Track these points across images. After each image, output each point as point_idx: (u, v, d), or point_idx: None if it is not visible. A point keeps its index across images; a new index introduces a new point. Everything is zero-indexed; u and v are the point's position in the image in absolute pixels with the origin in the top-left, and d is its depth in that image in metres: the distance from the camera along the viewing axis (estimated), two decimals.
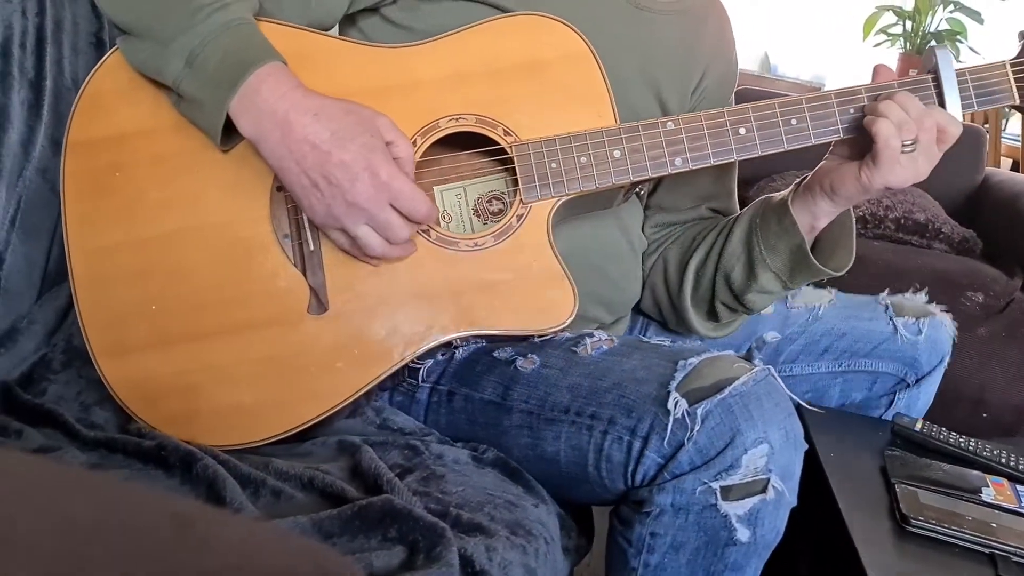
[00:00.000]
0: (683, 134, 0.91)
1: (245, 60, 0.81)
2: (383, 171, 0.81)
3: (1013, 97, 0.93)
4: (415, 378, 0.99)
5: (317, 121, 0.81)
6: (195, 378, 0.86)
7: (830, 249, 1.01)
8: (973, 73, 0.93)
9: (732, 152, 0.92)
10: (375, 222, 0.83)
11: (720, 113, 0.92)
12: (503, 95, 0.91)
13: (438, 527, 0.71)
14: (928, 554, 0.87)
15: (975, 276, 1.78)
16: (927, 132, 0.88)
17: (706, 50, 1.08)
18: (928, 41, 3.47)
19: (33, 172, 0.97)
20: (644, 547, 0.84)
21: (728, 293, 1.06)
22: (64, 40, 1.03)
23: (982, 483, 0.99)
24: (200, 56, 0.81)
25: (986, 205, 2.24)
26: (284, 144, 0.81)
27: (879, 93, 0.92)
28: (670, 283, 1.12)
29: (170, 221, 0.87)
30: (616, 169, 0.91)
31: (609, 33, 0.97)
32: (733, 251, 1.04)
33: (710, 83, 1.10)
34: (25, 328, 0.94)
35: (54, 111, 1.00)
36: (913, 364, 1.11)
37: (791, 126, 0.92)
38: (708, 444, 0.79)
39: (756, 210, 1.04)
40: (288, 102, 0.81)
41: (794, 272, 1.01)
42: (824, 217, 0.98)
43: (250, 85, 0.81)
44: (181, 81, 0.82)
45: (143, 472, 0.79)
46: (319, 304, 0.88)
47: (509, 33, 0.91)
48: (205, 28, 0.81)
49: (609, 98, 0.91)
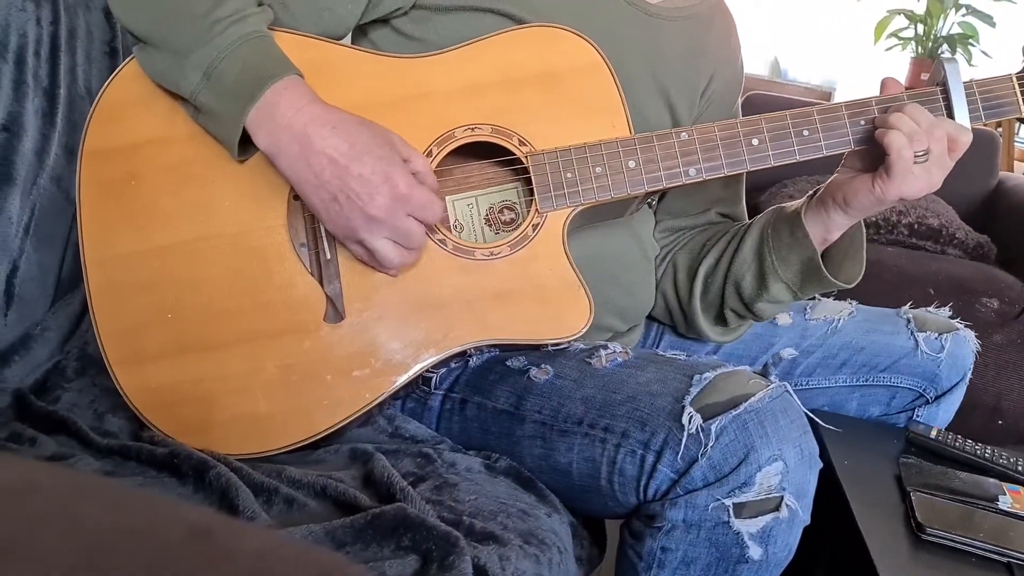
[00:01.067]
0: (697, 145, 0.91)
1: (263, 74, 0.81)
2: (402, 183, 0.81)
3: (1019, 110, 0.94)
4: (428, 385, 0.99)
5: (335, 135, 0.81)
6: (211, 387, 0.87)
7: (839, 260, 1.01)
8: (981, 86, 0.94)
9: (745, 163, 0.92)
10: (395, 233, 0.83)
11: (733, 124, 0.92)
12: (518, 105, 0.91)
13: (451, 536, 0.71)
14: (944, 563, 0.86)
15: (990, 282, 1.77)
16: (938, 142, 0.89)
17: (713, 54, 1.09)
18: (940, 45, 3.45)
19: (47, 180, 0.97)
20: (655, 562, 0.84)
21: (738, 301, 1.06)
22: (78, 48, 1.04)
23: (999, 491, 0.98)
24: (218, 69, 0.81)
25: (1000, 210, 2.23)
26: (303, 158, 0.81)
27: (889, 105, 0.92)
28: (679, 288, 1.11)
29: (186, 230, 0.88)
30: (631, 179, 0.91)
31: (620, 41, 0.97)
32: (744, 260, 1.04)
33: (718, 87, 1.10)
34: (39, 335, 0.94)
35: (68, 119, 1.00)
36: (934, 380, 1.10)
37: (803, 137, 0.92)
38: (722, 460, 0.78)
39: (768, 220, 1.04)
40: (306, 116, 0.81)
41: (805, 283, 1.01)
42: (837, 230, 0.98)
43: (268, 99, 0.81)
44: (198, 94, 0.82)
45: (156, 480, 0.79)
46: (335, 313, 0.88)
47: (523, 44, 0.91)
48: (223, 41, 0.81)
49: (623, 109, 0.92)
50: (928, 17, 3.48)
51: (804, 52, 4.20)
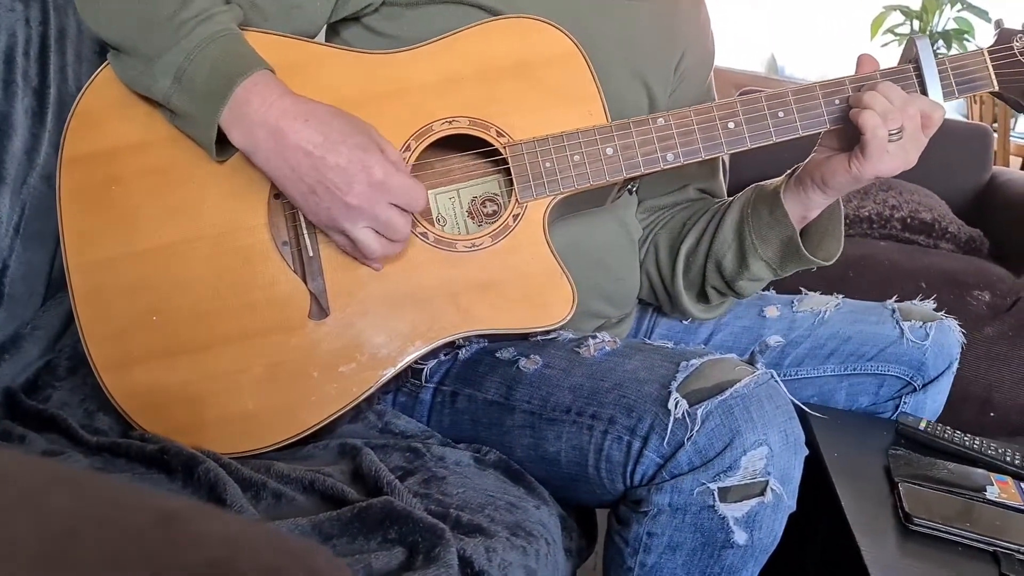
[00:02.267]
0: (674, 130, 0.92)
1: (232, 72, 0.81)
2: (378, 170, 0.82)
3: (992, 84, 0.96)
4: (418, 379, 0.99)
5: (308, 126, 0.81)
6: (198, 388, 0.87)
7: (819, 237, 1.03)
8: (953, 62, 0.95)
9: (722, 146, 0.93)
10: (376, 222, 0.83)
11: (709, 108, 0.93)
12: (494, 97, 0.91)
13: (437, 528, 0.71)
14: (932, 553, 0.86)
15: (982, 275, 1.77)
16: (911, 119, 0.90)
17: (684, 30, 1.10)
18: (936, 40, 3.46)
19: (37, 179, 0.98)
20: (641, 547, 0.84)
21: (719, 278, 1.07)
22: (68, 48, 1.04)
23: (987, 481, 0.99)
24: (187, 71, 0.81)
25: (993, 204, 2.23)
26: (278, 153, 0.81)
27: (862, 84, 0.93)
28: (662, 268, 1.13)
29: (168, 232, 0.88)
30: (609, 166, 0.91)
31: (593, 26, 0.98)
32: (724, 239, 1.05)
33: (689, 62, 1.11)
34: (29, 334, 0.95)
35: (58, 119, 1.00)
36: (920, 368, 1.11)
37: (778, 119, 0.93)
38: (707, 445, 0.79)
39: (747, 199, 1.05)
40: (278, 110, 0.81)
41: (784, 261, 1.02)
42: (816, 209, 1.00)
43: (238, 97, 0.81)
44: (171, 97, 0.83)
45: (145, 476, 0.80)
46: (320, 309, 0.89)
47: (498, 36, 0.92)
48: (189, 43, 0.81)
49: (599, 96, 0.92)
50: (924, 13, 3.49)
51: (801, 49, 4.21)
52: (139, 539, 0.28)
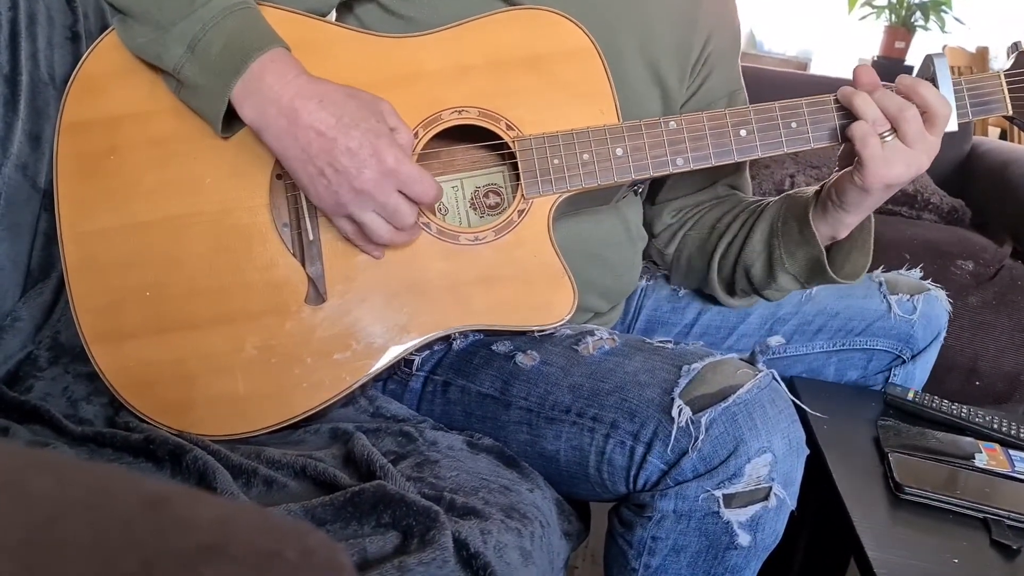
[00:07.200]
0: (685, 134, 0.91)
1: (248, 46, 0.80)
2: (389, 156, 0.80)
3: (1006, 108, 0.94)
4: (409, 367, 0.98)
5: (322, 108, 0.80)
6: (189, 366, 0.86)
7: (848, 249, 1.00)
8: (969, 82, 0.93)
9: (733, 153, 0.91)
10: (383, 209, 0.82)
11: (722, 114, 0.91)
12: (506, 89, 0.90)
13: (431, 511, 0.71)
14: (922, 521, 0.87)
15: (965, 245, 1.79)
16: (910, 122, 0.86)
17: (707, 18, 1.06)
18: (913, 13, 3.46)
19: (12, 169, 0.96)
20: (645, 550, 0.84)
21: (747, 284, 1.06)
22: (39, 34, 1.02)
23: (975, 449, 1.00)
24: (202, 41, 0.80)
25: (975, 174, 2.24)
26: (290, 132, 0.80)
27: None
28: (694, 266, 1.12)
29: (166, 206, 0.86)
30: (618, 167, 0.90)
31: (608, 14, 0.96)
32: (754, 248, 1.04)
33: (715, 49, 1.08)
34: (9, 326, 0.93)
35: (31, 106, 0.98)
36: (908, 340, 1.11)
37: (791, 129, 0.91)
38: (712, 453, 0.78)
39: (778, 212, 1.03)
40: (293, 89, 0.80)
41: (811, 278, 1.02)
42: (844, 228, 0.97)
43: (253, 72, 0.80)
44: (182, 67, 0.81)
45: (133, 466, 0.79)
46: (317, 294, 0.87)
47: (513, 26, 0.90)
48: (206, 12, 0.80)
49: (612, 95, 0.91)
50: None
51: (779, 24, 4.20)
52: (127, 524, 0.27)
